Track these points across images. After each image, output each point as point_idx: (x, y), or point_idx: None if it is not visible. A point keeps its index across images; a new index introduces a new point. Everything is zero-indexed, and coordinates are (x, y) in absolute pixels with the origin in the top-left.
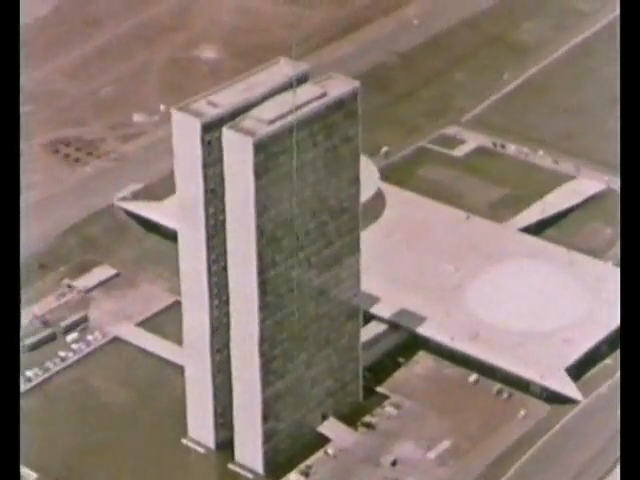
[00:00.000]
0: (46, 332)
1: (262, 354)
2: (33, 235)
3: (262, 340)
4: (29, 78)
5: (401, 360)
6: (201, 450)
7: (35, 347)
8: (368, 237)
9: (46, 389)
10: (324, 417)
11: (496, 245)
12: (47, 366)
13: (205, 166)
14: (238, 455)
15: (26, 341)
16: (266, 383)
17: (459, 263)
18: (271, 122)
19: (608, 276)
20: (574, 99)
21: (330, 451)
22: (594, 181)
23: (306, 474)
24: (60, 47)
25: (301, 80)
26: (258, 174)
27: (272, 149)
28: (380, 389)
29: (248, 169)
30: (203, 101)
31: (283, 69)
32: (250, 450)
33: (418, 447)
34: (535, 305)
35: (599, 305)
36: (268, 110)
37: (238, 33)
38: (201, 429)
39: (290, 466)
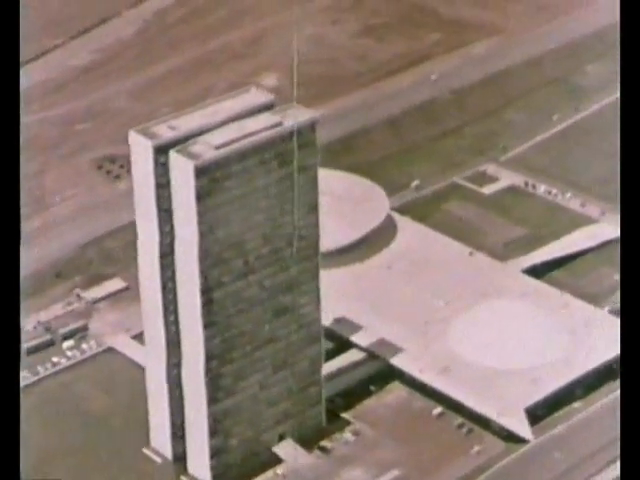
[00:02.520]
0: (45, 338)
1: (209, 371)
2: (56, 245)
3: (209, 357)
4: (93, 97)
5: (373, 389)
6: (158, 460)
7: (32, 351)
8: (370, 266)
9: (31, 392)
10: (281, 438)
11: (492, 283)
12: (38, 370)
13: (158, 186)
14: (190, 467)
15: (24, 345)
16: (214, 400)
17: (451, 298)
18: (218, 147)
19: (598, 321)
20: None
21: (279, 471)
22: (614, 226)
23: None
24: (132, 68)
25: (265, 109)
26: (201, 197)
27: (216, 174)
28: (345, 415)
29: (190, 192)
30: (164, 125)
31: (251, 97)
32: (200, 463)
33: (365, 474)
34: (512, 344)
35: (579, 349)
36: (219, 136)
37: (305, 63)
38: (161, 440)
39: None
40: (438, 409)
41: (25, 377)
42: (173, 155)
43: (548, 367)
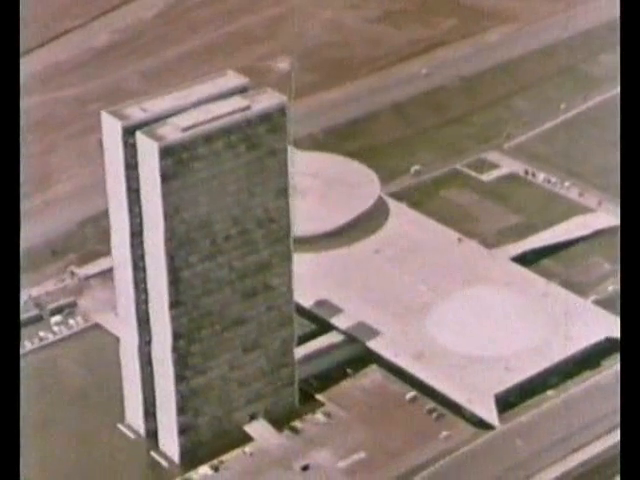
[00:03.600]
0: (33, 313)
1: (176, 349)
2: (54, 223)
3: (176, 336)
4: (108, 78)
5: (349, 371)
6: (131, 436)
7: (21, 325)
8: (357, 249)
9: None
10: (253, 417)
11: (477, 270)
12: (24, 344)
13: (127, 167)
14: (161, 444)
15: None
16: (182, 378)
17: (434, 284)
18: (184, 129)
19: (578, 311)
20: None
21: (247, 450)
22: (610, 216)
23: (216, 468)
24: (148, 50)
25: (239, 93)
26: (166, 178)
27: (182, 155)
28: (320, 397)
29: (155, 172)
30: (137, 106)
31: (226, 81)
32: (170, 440)
33: (333, 455)
34: (489, 331)
35: (555, 338)
36: (187, 118)
37: (320, 47)
38: (134, 416)
39: (208, 460)
40: (411, 393)
41: None
42: (139, 136)
43: (522, 355)
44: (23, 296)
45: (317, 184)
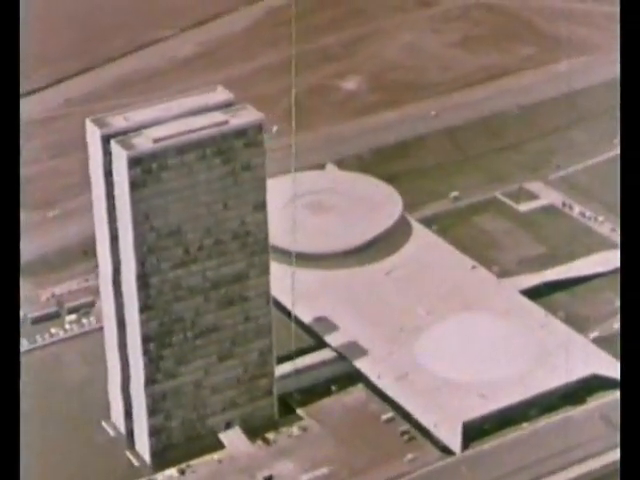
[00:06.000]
0: (51, 310)
1: (147, 352)
2: (87, 224)
3: (146, 339)
4: (178, 88)
5: (334, 388)
6: (112, 434)
7: (37, 321)
8: (370, 269)
9: (22, 358)
10: (229, 425)
11: (480, 298)
12: (36, 339)
13: (106, 174)
14: (137, 444)
15: (29, 315)
16: (153, 380)
17: (434, 308)
18: (156, 140)
19: (571, 345)
20: None
21: (217, 456)
22: None
23: (182, 472)
24: (227, 63)
25: (223, 108)
26: (135, 186)
27: (151, 165)
28: (300, 411)
29: (124, 180)
30: (121, 116)
31: (213, 96)
32: (143, 441)
33: (297, 468)
34: (474, 357)
35: (540, 370)
36: (161, 130)
37: (392, 69)
38: (117, 415)
39: (179, 462)
40: (389, 414)
41: (23, 345)
42: (113, 144)
43: (501, 384)
44: (46, 293)
45: (341, 202)
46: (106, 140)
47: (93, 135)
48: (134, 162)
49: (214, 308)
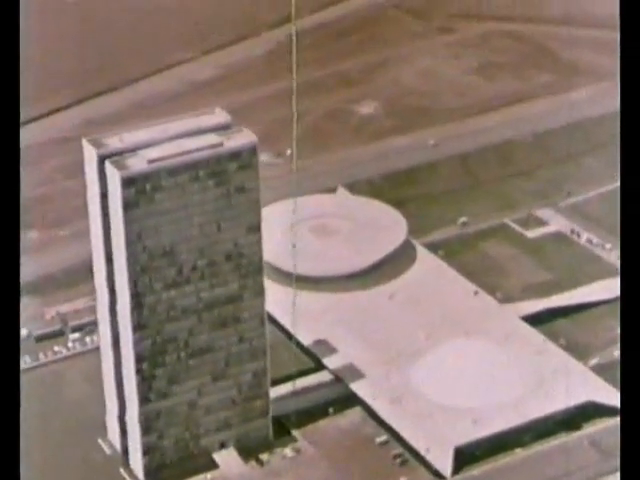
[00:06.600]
0: (55, 328)
1: (140, 371)
2: None
3: (139, 358)
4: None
5: (331, 411)
6: (108, 451)
7: (41, 339)
8: (373, 293)
9: (24, 375)
10: (223, 445)
11: (480, 323)
12: (39, 357)
13: (102, 194)
14: (132, 462)
15: (34, 332)
16: (146, 399)
17: (434, 332)
18: (150, 161)
19: (568, 372)
20: None
21: (210, 476)
22: None
23: None
24: (242, 87)
25: (219, 130)
26: (128, 206)
27: (145, 186)
28: (296, 432)
29: (117, 200)
30: (117, 137)
31: (211, 118)
32: (137, 459)
33: None
34: (469, 382)
35: (535, 396)
36: (156, 151)
37: (408, 94)
38: (113, 432)
39: None
40: (383, 437)
41: (25, 362)
42: (107, 165)
43: (495, 409)
44: (51, 311)
45: (346, 226)
46: (102, 160)
47: (90, 155)
48: (128, 182)
49: (207, 329)
